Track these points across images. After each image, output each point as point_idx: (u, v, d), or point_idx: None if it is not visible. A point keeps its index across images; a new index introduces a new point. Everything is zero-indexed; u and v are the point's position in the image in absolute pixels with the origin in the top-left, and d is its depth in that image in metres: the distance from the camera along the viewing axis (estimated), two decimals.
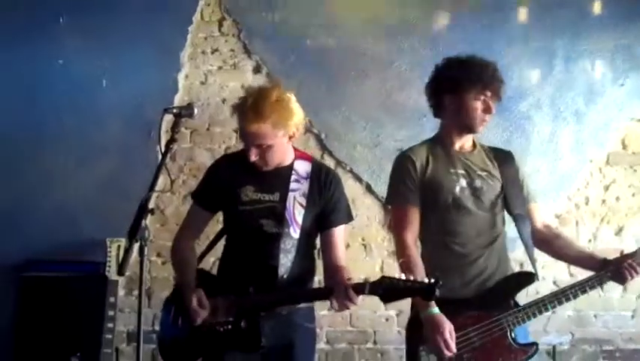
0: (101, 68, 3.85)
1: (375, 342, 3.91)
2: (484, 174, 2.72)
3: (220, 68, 4.01)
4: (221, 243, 2.68)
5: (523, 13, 4.09)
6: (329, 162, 3.93)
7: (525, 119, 4.11)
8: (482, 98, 2.65)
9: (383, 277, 2.22)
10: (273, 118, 2.38)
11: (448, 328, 2.46)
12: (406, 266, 2.51)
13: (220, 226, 2.67)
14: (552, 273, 3.86)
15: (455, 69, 2.65)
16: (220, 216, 2.64)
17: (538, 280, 2.62)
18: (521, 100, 4.10)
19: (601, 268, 2.64)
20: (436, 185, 2.64)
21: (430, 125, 2.85)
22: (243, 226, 2.49)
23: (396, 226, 2.64)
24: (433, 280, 2.18)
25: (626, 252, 2.66)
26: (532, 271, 2.64)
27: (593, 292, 2.67)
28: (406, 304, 2.57)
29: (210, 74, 4.00)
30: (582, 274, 2.72)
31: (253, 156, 2.43)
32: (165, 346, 2.54)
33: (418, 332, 2.52)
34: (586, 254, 2.76)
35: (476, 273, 2.62)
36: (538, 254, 2.79)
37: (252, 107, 2.37)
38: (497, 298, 2.59)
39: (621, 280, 2.61)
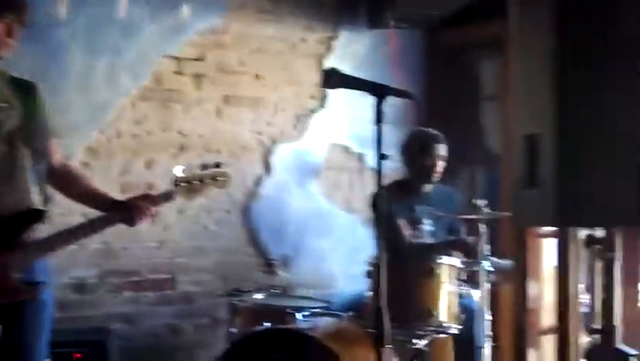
0: None
1: None
2: (3, 105, 2.74)
3: None
4: None
5: None
6: None
7: (62, 49, 4.21)
8: (3, 20, 2.66)
9: None
10: None
11: None
12: None
13: None
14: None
15: None
16: None
17: (47, 217, 2.75)
18: (58, 29, 4.18)
19: (110, 208, 2.86)
20: None
21: None
22: None
23: None
24: None
25: (156, 186, 2.95)
26: (41, 208, 2.75)
27: (121, 225, 2.90)
28: None
29: None
30: None
31: None
32: None
33: None
34: (97, 194, 2.94)
35: None
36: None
37: None
38: (6, 235, 2.65)
39: (130, 221, 2.83)
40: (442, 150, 4.15)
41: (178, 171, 3.00)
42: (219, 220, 4.84)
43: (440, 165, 4.12)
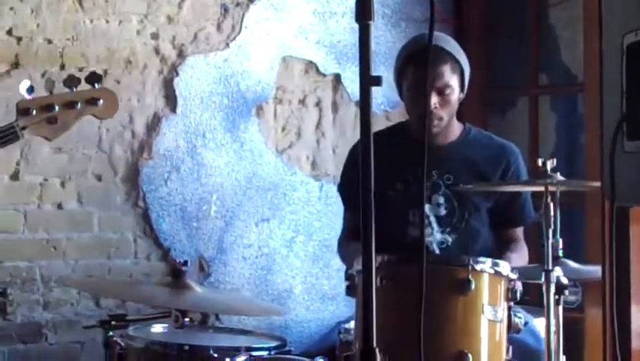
0: None
1: None
2: None
3: None
4: None
5: None
6: None
7: None
8: None
9: None
10: None
11: None
12: None
13: None
14: None
15: None
16: None
17: None
18: None
19: None
20: None
21: None
22: None
23: None
24: None
25: None
26: None
27: None
28: None
29: None
30: None
31: None
32: None
33: None
34: None
35: None
36: None
37: None
38: None
39: None
40: (443, 72, 4.11)
41: (24, 89, 3.02)
42: (84, 194, 4.84)
43: (440, 101, 4.10)
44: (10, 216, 4.73)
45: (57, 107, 3.04)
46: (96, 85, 3.10)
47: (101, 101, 3.10)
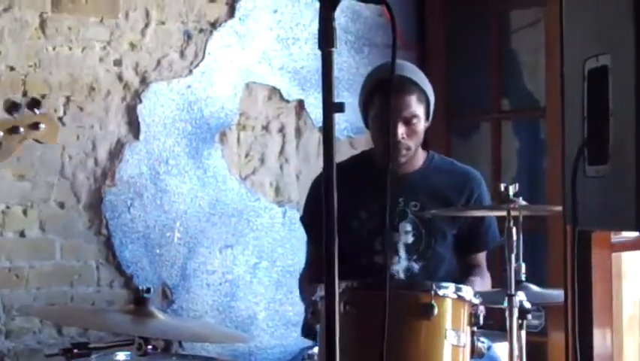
0: None
1: None
2: None
3: None
4: None
5: None
6: None
7: None
8: None
9: None
10: None
11: None
12: None
13: None
14: None
15: None
16: None
17: None
18: None
19: None
20: None
21: None
22: None
23: None
24: None
25: None
26: None
27: None
28: None
29: None
30: None
31: None
32: None
33: None
34: None
35: None
36: None
37: None
38: None
39: None
40: (410, 102, 4.11)
41: None
42: (47, 222, 4.81)
43: (407, 130, 4.10)
44: None
45: (1, 133, 3.07)
46: (36, 110, 3.13)
47: (43, 125, 3.13)
